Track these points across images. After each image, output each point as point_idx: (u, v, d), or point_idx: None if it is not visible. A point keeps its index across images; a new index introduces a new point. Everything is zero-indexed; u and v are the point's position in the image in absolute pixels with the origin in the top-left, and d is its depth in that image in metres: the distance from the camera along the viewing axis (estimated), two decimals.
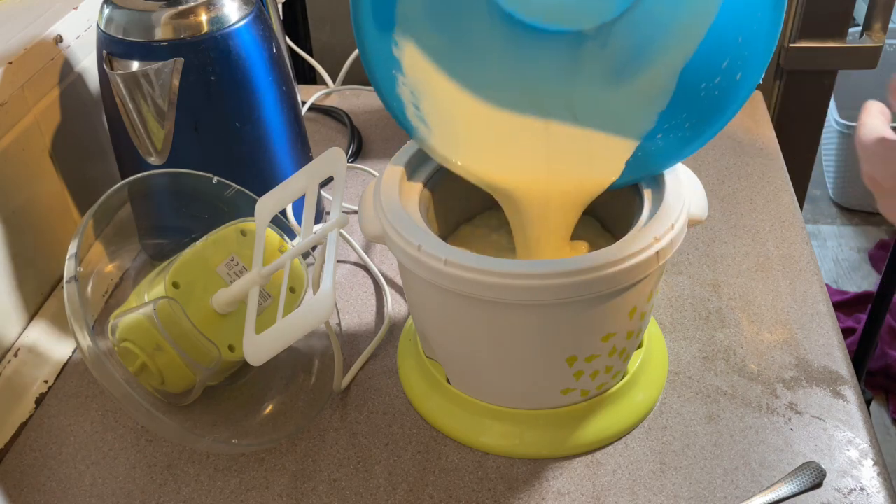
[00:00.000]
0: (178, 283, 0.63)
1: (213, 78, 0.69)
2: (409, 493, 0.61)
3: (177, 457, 0.64)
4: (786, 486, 0.58)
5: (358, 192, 0.91)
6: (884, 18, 1.11)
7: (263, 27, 0.73)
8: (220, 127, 0.72)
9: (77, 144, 0.81)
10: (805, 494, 0.59)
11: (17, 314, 0.72)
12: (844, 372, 0.68)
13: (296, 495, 0.61)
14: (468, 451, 0.64)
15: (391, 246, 0.58)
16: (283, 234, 0.71)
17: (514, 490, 0.61)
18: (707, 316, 0.74)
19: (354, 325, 0.75)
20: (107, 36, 0.69)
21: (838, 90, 1.24)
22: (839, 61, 1.12)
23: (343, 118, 1.04)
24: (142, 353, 0.61)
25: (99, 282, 0.67)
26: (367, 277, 0.81)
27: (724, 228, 0.84)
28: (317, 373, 0.70)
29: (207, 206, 0.71)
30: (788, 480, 0.59)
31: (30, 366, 0.70)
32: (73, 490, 0.62)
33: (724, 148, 0.96)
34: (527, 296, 0.54)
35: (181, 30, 0.67)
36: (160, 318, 0.60)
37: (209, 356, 0.62)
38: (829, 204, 2.21)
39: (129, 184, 0.66)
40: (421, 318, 0.64)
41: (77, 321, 0.57)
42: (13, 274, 0.71)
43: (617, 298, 0.56)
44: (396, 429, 0.66)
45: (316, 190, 0.62)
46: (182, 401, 0.65)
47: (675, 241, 0.56)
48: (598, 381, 0.62)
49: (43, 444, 0.66)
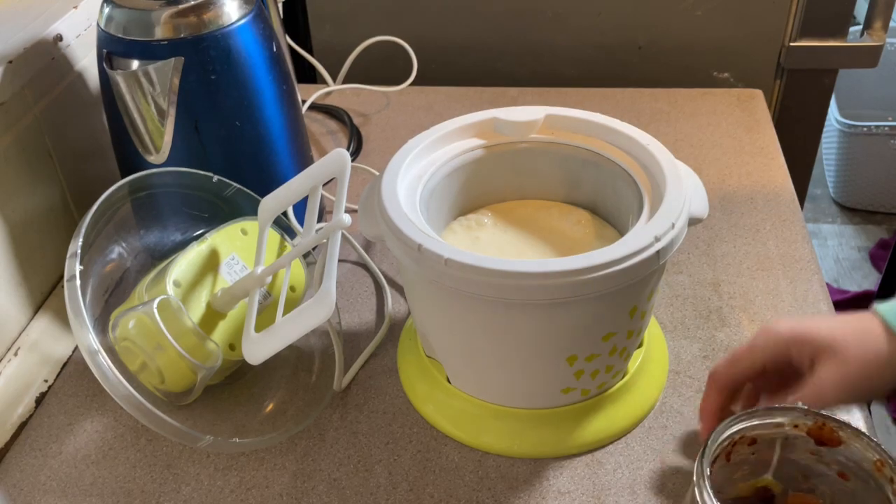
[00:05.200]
0: (179, 281, 0.63)
1: (214, 77, 0.69)
2: (409, 493, 0.61)
3: (177, 456, 0.64)
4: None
5: (357, 192, 0.91)
6: (884, 17, 1.11)
7: (264, 26, 0.73)
8: (221, 126, 0.72)
9: (77, 144, 0.81)
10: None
11: (17, 313, 0.72)
12: None
13: (296, 495, 0.61)
14: (468, 451, 0.64)
15: (391, 246, 0.58)
16: (283, 234, 0.71)
17: (514, 490, 0.61)
18: (707, 315, 0.74)
19: (355, 325, 0.75)
20: (107, 35, 0.69)
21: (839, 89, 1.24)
22: (840, 60, 1.12)
23: (343, 117, 1.04)
24: (142, 352, 0.61)
25: (99, 281, 0.67)
26: (368, 277, 0.81)
27: (724, 228, 0.84)
28: (317, 372, 0.70)
29: (208, 205, 0.71)
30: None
31: (30, 365, 0.70)
32: (73, 489, 0.62)
33: (725, 147, 0.96)
34: (527, 296, 0.54)
35: (181, 28, 0.67)
36: (161, 316, 0.60)
37: (210, 355, 0.62)
38: (830, 203, 2.20)
39: (129, 183, 0.66)
40: (421, 317, 0.64)
41: (77, 320, 0.57)
42: (14, 273, 0.71)
43: (617, 298, 0.56)
44: (396, 428, 0.66)
45: (319, 191, 0.62)
46: (182, 400, 0.65)
47: (675, 240, 0.56)
48: (599, 381, 0.62)
49: (43, 443, 0.66)
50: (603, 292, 0.54)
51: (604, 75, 1.15)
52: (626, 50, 1.14)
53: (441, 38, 1.15)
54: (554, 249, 0.65)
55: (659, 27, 1.11)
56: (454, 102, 1.06)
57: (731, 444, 0.48)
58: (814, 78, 1.14)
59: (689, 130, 0.99)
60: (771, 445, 0.49)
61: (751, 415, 0.48)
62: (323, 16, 1.17)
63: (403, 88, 1.03)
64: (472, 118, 0.67)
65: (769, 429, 0.48)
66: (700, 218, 0.60)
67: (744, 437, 0.48)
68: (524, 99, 1.06)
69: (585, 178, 0.68)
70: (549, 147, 0.67)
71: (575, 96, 1.06)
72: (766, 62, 1.13)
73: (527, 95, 1.07)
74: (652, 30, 1.12)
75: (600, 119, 0.67)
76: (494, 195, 0.70)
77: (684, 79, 1.13)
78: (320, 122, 1.05)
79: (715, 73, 1.14)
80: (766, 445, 0.49)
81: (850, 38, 1.11)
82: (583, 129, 0.67)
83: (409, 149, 0.64)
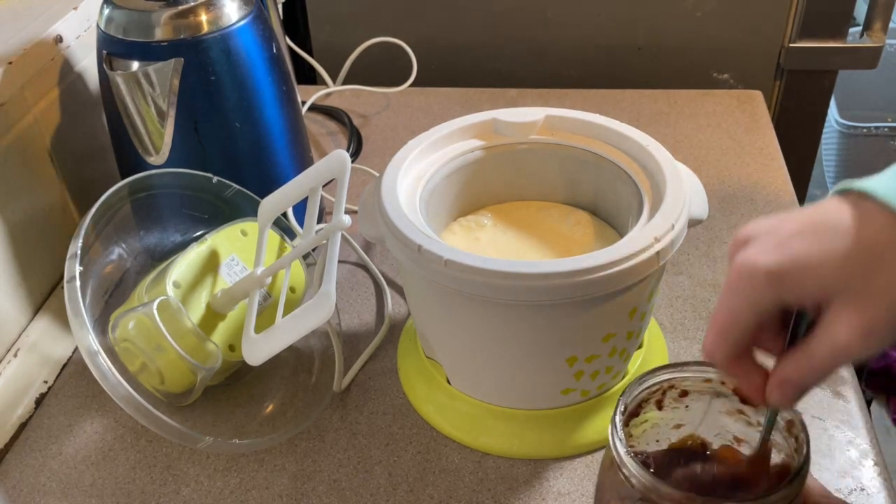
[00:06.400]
0: (179, 282, 0.63)
1: (213, 78, 0.69)
2: (409, 493, 0.61)
3: (177, 457, 0.64)
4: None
5: (357, 192, 0.91)
6: (884, 18, 1.11)
7: (263, 27, 0.73)
8: (221, 127, 0.72)
9: (77, 144, 0.81)
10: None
11: (17, 314, 0.72)
12: (845, 372, 0.68)
13: (296, 495, 0.61)
14: (468, 451, 0.64)
15: (391, 247, 0.58)
16: (283, 235, 0.71)
17: (514, 490, 0.61)
18: (707, 316, 0.74)
19: (354, 325, 0.75)
20: (107, 36, 0.69)
21: (838, 90, 1.24)
22: (839, 61, 1.12)
23: (343, 118, 1.04)
24: (142, 353, 0.61)
25: (99, 282, 0.67)
26: (367, 277, 0.81)
27: (724, 229, 0.84)
28: (317, 373, 0.70)
29: (207, 206, 0.71)
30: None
31: (30, 366, 0.70)
32: (73, 490, 0.62)
33: (724, 148, 0.96)
34: (527, 296, 0.54)
35: (181, 30, 0.67)
36: (161, 317, 0.60)
37: (209, 356, 0.62)
38: None
39: (129, 184, 0.66)
40: (421, 318, 0.64)
41: (77, 321, 0.57)
42: (13, 274, 0.71)
43: (617, 299, 0.56)
44: (396, 429, 0.66)
45: (319, 192, 0.62)
46: (182, 401, 0.65)
47: (675, 241, 0.56)
48: (599, 382, 0.62)
49: (43, 444, 0.66)
50: (603, 293, 0.54)
51: (603, 76, 1.15)
52: (626, 51, 1.14)
53: (441, 39, 1.15)
54: (554, 250, 0.65)
55: (659, 28, 1.11)
56: (454, 103, 1.06)
57: (660, 391, 0.48)
58: (813, 79, 1.14)
59: (689, 131, 0.99)
60: (702, 400, 0.49)
61: (682, 366, 0.47)
62: (323, 17, 1.17)
63: (403, 89, 1.03)
64: (472, 119, 0.67)
65: (699, 383, 0.48)
66: (700, 219, 0.60)
67: (673, 386, 0.48)
68: (524, 100, 1.06)
69: (585, 179, 0.68)
70: (548, 148, 0.67)
71: (575, 97, 1.06)
72: (765, 63, 1.13)
73: (526, 96, 1.07)
74: (652, 31, 1.12)
75: (600, 120, 0.67)
76: (494, 196, 0.70)
77: (684, 80, 1.13)
78: (320, 123, 1.05)
79: (715, 74, 1.15)
80: (696, 399, 0.49)
81: (850, 39, 1.11)
82: (582, 129, 0.67)
83: (408, 150, 0.64)
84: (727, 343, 0.42)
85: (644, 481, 0.42)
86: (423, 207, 0.62)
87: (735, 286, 0.41)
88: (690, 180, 0.62)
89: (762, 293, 0.39)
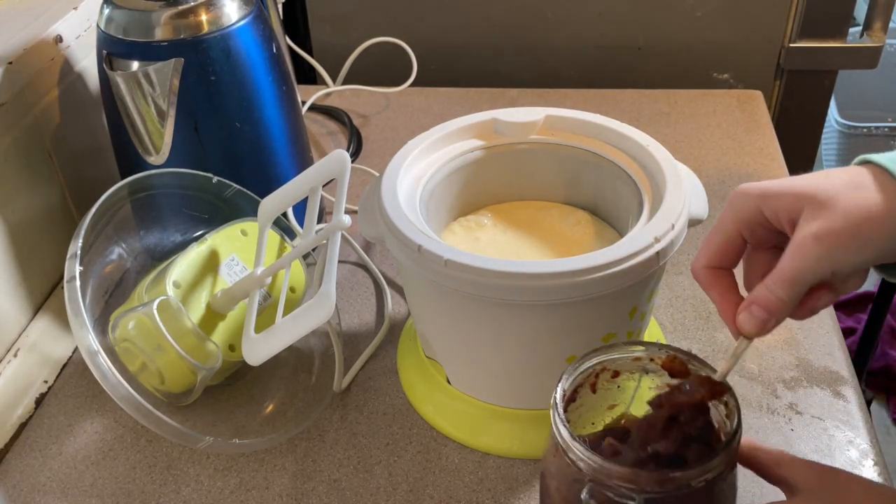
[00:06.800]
0: (179, 282, 0.63)
1: (213, 78, 0.69)
2: (409, 493, 0.61)
3: (177, 457, 0.64)
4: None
5: (357, 192, 0.91)
6: (884, 18, 1.11)
7: (263, 27, 0.73)
8: (221, 127, 0.72)
9: (77, 144, 0.81)
10: None
11: (17, 314, 0.72)
12: (845, 372, 0.68)
13: (296, 495, 0.61)
14: (468, 451, 0.64)
15: (391, 247, 0.58)
16: (283, 235, 0.71)
17: (513, 490, 0.61)
18: (707, 316, 0.74)
19: (354, 325, 0.75)
20: (107, 36, 0.69)
21: (838, 90, 1.24)
22: (839, 61, 1.12)
23: (343, 118, 1.04)
24: (142, 353, 0.61)
25: (99, 282, 0.67)
26: (367, 277, 0.81)
27: None
28: (317, 372, 0.70)
29: (207, 206, 0.71)
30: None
31: (30, 366, 0.70)
32: (73, 490, 0.62)
33: (724, 148, 0.96)
34: (527, 296, 0.54)
35: (181, 29, 0.67)
36: (161, 317, 0.60)
37: (209, 356, 0.62)
38: None
39: (129, 183, 0.66)
40: (421, 318, 0.64)
41: (77, 321, 0.57)
42: (14, 274, 0.71)
43: (617, 299, 0.56)
44: (396, 429, 0.66)
45: (318, 192, 0.62)
46: (182, 401, 0.65)
47: (675, 241, 0.56)
48: None
49: (43, 444, 0.66)
50: (603, 293, 0.54)
51: (603, 76, 1.15)
52: (625, 51, 1.14)
53: (441, 39, 1.15)
54: (554, 250, 0.65)
55: (659, 28, 1.11)
56: (454, 103, 1.06)
57: (593, 374, 0.49)
58: (813, 79, 1.14)
59: (689, 131, 0.99)
60: (632, 379, 0.50)
61: (611, 348, 0.48)
62: (323, 17, 1.17)
63: (403, 89, 1.03)
64: (472, 119, 0.67)
65: (629, 362, 0.49)
66: (700, 219, 0.60)
67: (605, 368, 0.49)
68: (524, 100, 1.06)
69: (585, 179, 0.68)
70: (548, 148, 0.67)
71: (574, 97, 1.06)
72: (765, 63, 1.13)
73: (526, 96, 1.07)
74: (652, 31, 1.12)
75: (600, 120, 0.67)
76: (494, 196, 0.70)
77: (684, 80, 1.13)
78: (320, 122, 1.05)
79: (715, 74, 1.15)
80: (628, 378, 0.50)
81: (850, 39, 1.11)
82: (582, 129, 0.67)
83: (408, 150, 0.64)
84: (709, 248, 0.48)
85: (592, 463, 0.43)
86: (423, 207, 0.62)
87: (727, 204, 0.47)
88: (690, 180, 0.62)
89: (746, 203, 0.46)
